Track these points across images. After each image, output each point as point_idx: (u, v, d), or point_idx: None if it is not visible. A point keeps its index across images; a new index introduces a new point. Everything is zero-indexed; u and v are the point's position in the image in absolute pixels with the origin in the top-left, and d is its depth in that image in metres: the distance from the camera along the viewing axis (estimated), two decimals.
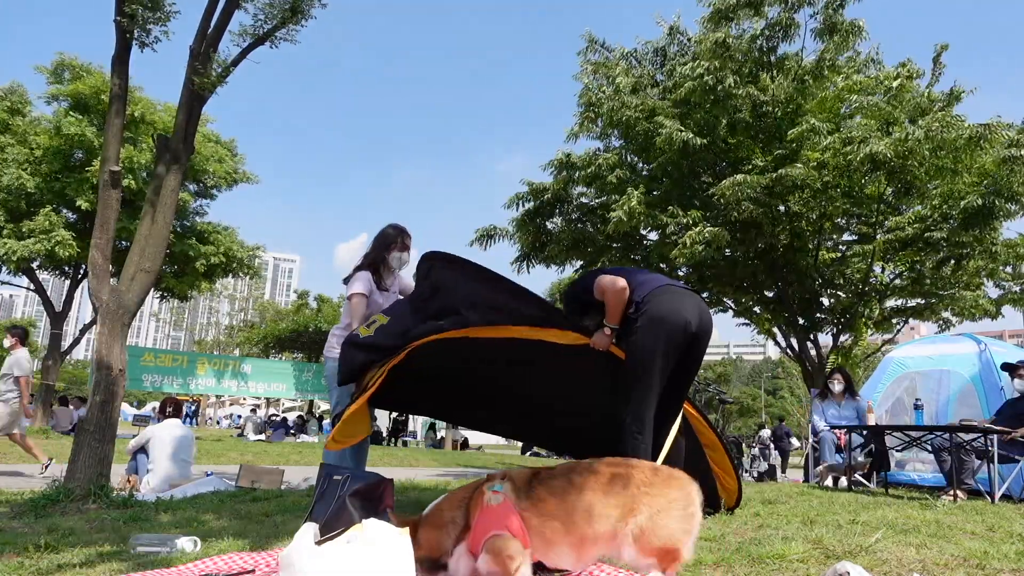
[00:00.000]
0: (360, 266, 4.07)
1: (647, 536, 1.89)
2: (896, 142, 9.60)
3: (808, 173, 10.24)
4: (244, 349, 34.69)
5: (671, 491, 1.95)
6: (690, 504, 1.94)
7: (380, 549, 1.78)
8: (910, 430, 5.95)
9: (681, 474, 2.03)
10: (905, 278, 12.52)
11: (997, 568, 2.44)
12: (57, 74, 14.63)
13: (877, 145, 9.56)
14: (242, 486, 5.50)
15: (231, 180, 16.34)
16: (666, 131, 10.59)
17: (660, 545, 1.88)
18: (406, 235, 4.14)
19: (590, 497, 1.98)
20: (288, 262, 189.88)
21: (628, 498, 1.94)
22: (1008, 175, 9.87)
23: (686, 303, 3.12)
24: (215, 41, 5.05)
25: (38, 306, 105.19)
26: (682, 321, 3.05)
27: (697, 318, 3.11)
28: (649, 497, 1.93)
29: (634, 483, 1.97)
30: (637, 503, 1.94)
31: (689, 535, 1.91)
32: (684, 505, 1.93)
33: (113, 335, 4.65)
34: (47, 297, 15.87)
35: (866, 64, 11.92)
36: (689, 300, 3.17)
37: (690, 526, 1.92)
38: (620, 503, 1.94)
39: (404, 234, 4.14)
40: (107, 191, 4.88)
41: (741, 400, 58.09)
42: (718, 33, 10.74)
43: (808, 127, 10.20)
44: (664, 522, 1.90)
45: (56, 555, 2.68)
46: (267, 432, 19.75)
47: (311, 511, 3.49)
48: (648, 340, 3.04)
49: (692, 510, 1.93)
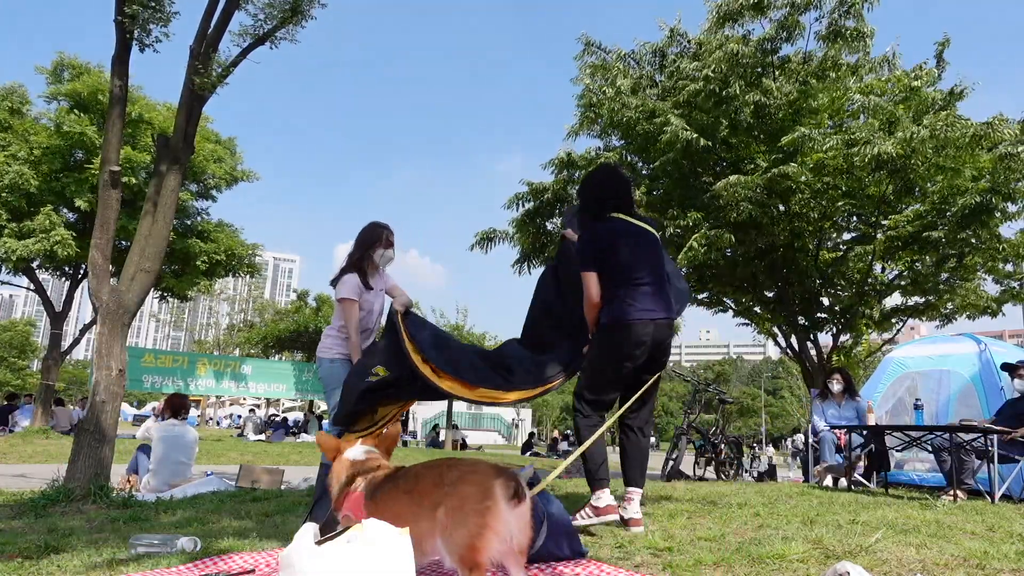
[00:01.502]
0: (345, 268, 4.01)
1: (448, 533, 1.91)
2: (901, 141, 9.60)
3: (804, 173, 10.25)
4: (244, 349, 34.68)
5: (466, 487, 1.95)
6: (486, 498, 1.90)
7: (380, 549, 1.78)
8: (910, 430, 5.95)
9: (485, 469, 2.01)
10: (905, 277, 12.52)
11: (997, 568, 2.44)
12: (56, 74, 14.62)
13: (883, 145, 9.56)
14: (242, 486, 5.50)
15: (231, 179, 16.33)
16: (672, 128, 10.56)
17: (460, 542, 1.88)
18: (389, 231, 4.08)
19: (410, 498, 2.06)
20: (288, 262, 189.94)
21: (439, 496, 1.98)
22: (1006, 172, 9.87)
23: (644, 331, 3.31)
24: (215, 41, 5.05)
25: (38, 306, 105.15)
26: (632, 351, 3.32)
27: (650, 341, 3.33)
28: (448, 497, 1.96)
29: (444, 481, 2.01)
30: (442, 501, 1.97)
31: (486, 529, 1.87)
32: (479, 499, 1.90)
33: (113, 335, 4.65)
34: (47, 297, 15.86)
35: (880, 64, 11.86)
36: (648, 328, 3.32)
37: (485, 520, 1.88)
38: (433, 502, 1.98)
39: (387, 231, 4.08)
40: (107, 191, 4.89)
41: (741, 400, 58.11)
42: (730, 44, 10.69)
43: (799, 135, 10.19)
44: (458, 518, 1.90)
45: (56, 555, 2.67)
46: (267, 432, 19.76)
47: (311, 511, 3.51)
48: (602, 351, 3.39)
49: (488, 504, 1.89)
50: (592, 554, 2.64)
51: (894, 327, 14.41)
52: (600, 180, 3.66)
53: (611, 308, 3.34)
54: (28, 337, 49.11)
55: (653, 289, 3.38)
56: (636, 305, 3.31)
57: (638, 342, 3.30)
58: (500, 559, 1.91)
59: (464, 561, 1.87)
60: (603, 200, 3.54)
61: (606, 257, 3.38)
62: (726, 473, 9.59)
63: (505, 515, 1.90)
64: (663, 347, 3.42)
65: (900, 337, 15.04)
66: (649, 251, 3.45)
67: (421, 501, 2.02)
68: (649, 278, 3.37)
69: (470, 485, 1.95)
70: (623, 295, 3.33)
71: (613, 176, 3.66)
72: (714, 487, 5.87)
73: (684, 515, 3.68)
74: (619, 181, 3.62)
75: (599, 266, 3.38)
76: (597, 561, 2.51)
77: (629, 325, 3.29)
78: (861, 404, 6.87)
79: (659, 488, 5.45)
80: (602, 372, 3.40)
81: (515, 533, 1.94)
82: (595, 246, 3.41)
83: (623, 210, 3.52)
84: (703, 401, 10.36)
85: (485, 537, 1.87)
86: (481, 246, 13.52)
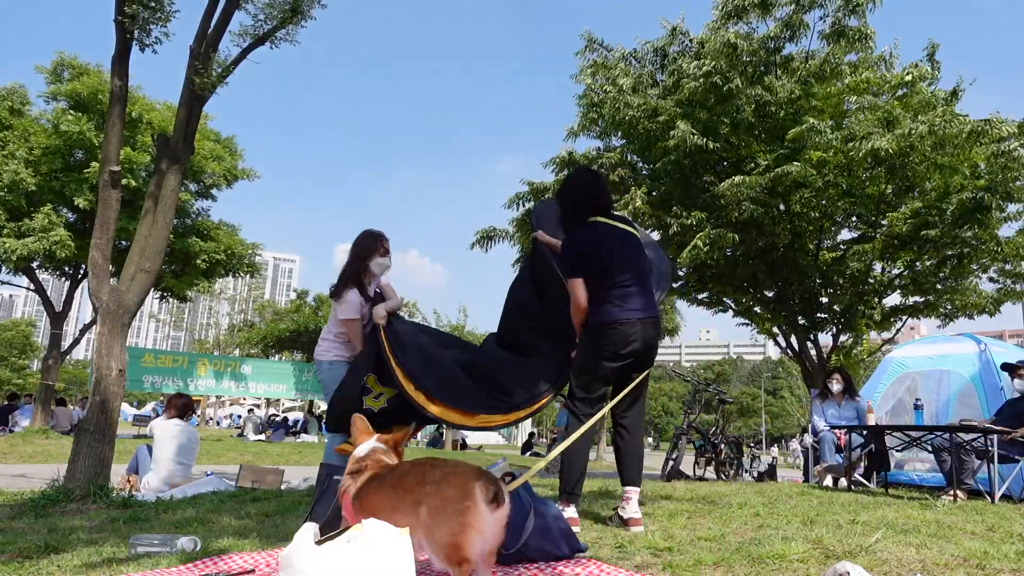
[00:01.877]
0: (344, 282, 3.95)
1: (430, 532, 1.97)
2: (899, 138, 9.60)
3: (807, 171, 10.24)
4: (244, 349, 34.67)
5: (448, 488, 2.00)
6: (466, 499, 1.95)
7: (380, 549, 1.78)
8: (910, 430, 5.95)
9: (466, 471, 2.06)
10: (905, 277, 12.52)
11: (997, 568, 2.44)
12: (56, 73, 14.62)
13: (879, 141, 9.56)
14: (242, 486, 5.50)
15: (231, 178, 16.32)
16: (679, 133, 10.55)
17: (442, 541, 1.94)
18: (384, 240, 4.07)
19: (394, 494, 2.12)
20: (288, 262, 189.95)
21: (421, 495, 2.03)
22: (1002, 171, 9.87)
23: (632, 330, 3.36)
24: (215, 41, 5.05)
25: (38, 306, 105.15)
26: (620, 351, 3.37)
27: (639, 340, 3.38)
28: (430, 496, 2.00)
29: (426, 480, 2.06)
30: (423, 500, 2.01)
31: (467, 527, 1.92)
32: (460, 500, 1.95)
33: (113, 335, 4.65)
34: (47, 297, 15.85)
35: (877, 62, 11.87)
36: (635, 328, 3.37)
37: (466, 519, 1.93)
38: (415, 500, 2.03)
39: (382, 239, 4.07)
40: (107, 191, 4.88)
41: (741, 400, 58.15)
42: (728, 34, 10.69)
43: (808, 126, 10.19)
44: (440, 518, 1.96)
45: (56, 555, 2.67)
46: (267, 432, 19.76)
47: (311, 511, 3.51)
48: (591, 352, 3.44)
49: (467, 504, 1.95)
50: (592, 554, 2.64)
51: (894, 327, 14.42)
52: (579, 184, 3.71)
53: (598, 310, 3.41)
54: (28, 337, 49.09)
55: (638, 289, 3.45)
56: (623, 306, 3.38)
57: (626, 341, 3.37)
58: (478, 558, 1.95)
59: (451, 558, 1.92)
60: (584, 204, 3.59)
61: (590, 262, 3.44)
62: (726, 473, 9.58)
63: (485, 516, 1.95)
64: (650, 345, 3.47)
65: (900, 337, 15.03)
66: (632, 253, 3.53)
67: (404, 497, 2.07)
68: (633, 279, 3.45)
69: (452, 486, 2.00)
70: (609, 297, 3.40)
71: (592, 179, 3.73)
72: (714, 487, 5.87)
73: (684, 515, 3.68)
74: (598, 184, 3.69)
75: (584, 271, 3.43)
76: (597, 561, 2.51)
77: (616, 326, 3.36)
78: (861, 404, 6.87)
79: (659, 488, 5.45)
80: (592, 373, 3.44)
81: (491, 535, 1.99)
82: (578, 251, 3.48)
83: (603, 212, 3.59)
84: (703, 401, 10.35)
85: (468, 536, 1.92)
86: (481, 244, 13.54)
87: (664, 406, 65.42)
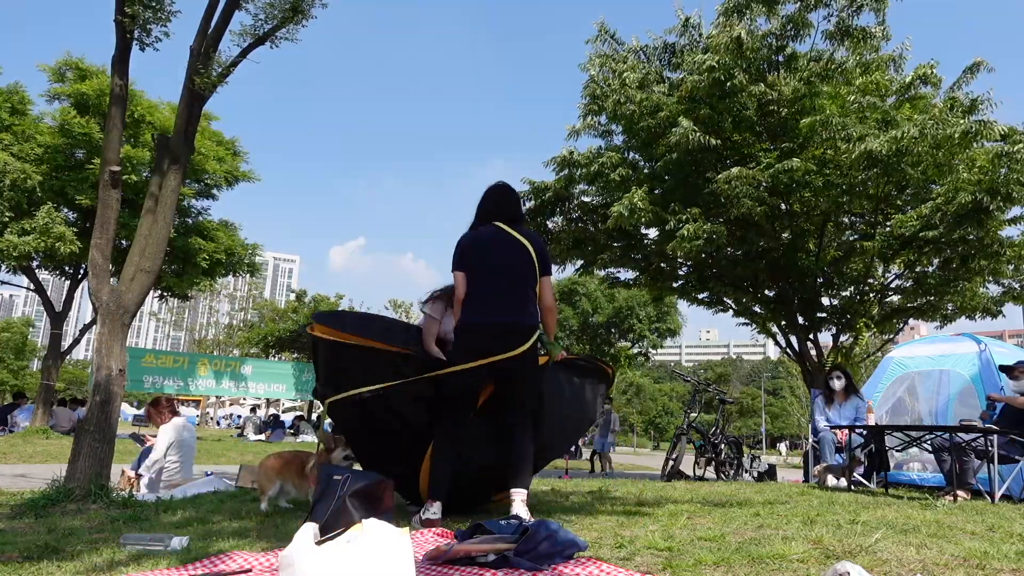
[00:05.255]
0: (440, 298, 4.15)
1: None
2: (892, 140, 9.57)
3: (807, 167, 10.21)
4: (244, 349, 34.68)
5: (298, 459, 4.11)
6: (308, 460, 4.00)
7: (380, 549, 1.78)
8: (910, 430, 5.95)
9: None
10: (906, 277, 12.49)
11: (997, 568, 2.44)
12: (59, 73, 14.61)
13: (872, 143, 9.54)
14: (242, 486, 5.49)
15: (232, 179, 16.33)
16: (681, 130, 10.52)
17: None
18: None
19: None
20: (288, 262, 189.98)
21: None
22: (1003, 172, 9.84)
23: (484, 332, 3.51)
24: (215, 41, 5.04)
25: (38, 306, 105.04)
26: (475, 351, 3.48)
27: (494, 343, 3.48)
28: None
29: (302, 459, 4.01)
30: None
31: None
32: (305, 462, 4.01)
33: (113, 335, 4.64)
34: (47, 297, 15.84)
35: (885, 63, 11.77)
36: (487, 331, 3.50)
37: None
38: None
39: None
40: (107, 191, 4.88)
41: (741, 400, 58.15)
42: (736, 30, 10.64)
43: (823, 117, 10.12)
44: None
45: (56, 555, 2.67)
46: (267, 432, 19.77)
47: (311, 511, 3.50)
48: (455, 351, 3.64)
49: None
50: (592, 554, 2.64)
51: (894, 327, 14.40)
52: (486, 193, 3.90)
53: (462, 310, 3.59)
54: (26, 337, 48.84)
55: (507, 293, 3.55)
56: (481, 308, 3.53)
57: (479, 344, 3.47)
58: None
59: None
60: (482, 211, 3.81)
61: (466, 259, 3.64)
62: (726, 473, 9.58)
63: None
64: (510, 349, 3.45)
65: (900, 337, 15.03)
66: (515, 260, 3.61)
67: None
68: (506, 284, 3.55)
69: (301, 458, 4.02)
70: (473, 296, 3.57)
71: (499, 190, 3.89)
72: (714, 487, 5.88)
73: (684, 515, 3.68)
74: (503, 195, 3.86)
75: (462, 266, 3.63)
76: (597, 561, 2.51)
77: (470, 327, 3.53)
78: (862, 403, 6.87)
79: (659, 488, 5.45)
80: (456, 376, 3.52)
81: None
82: (459, 247, 3.71)
83: (504, 221, 3.72)
84: (703, 401, 10.35)
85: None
86: None
87: (664, 406, 65.36)
